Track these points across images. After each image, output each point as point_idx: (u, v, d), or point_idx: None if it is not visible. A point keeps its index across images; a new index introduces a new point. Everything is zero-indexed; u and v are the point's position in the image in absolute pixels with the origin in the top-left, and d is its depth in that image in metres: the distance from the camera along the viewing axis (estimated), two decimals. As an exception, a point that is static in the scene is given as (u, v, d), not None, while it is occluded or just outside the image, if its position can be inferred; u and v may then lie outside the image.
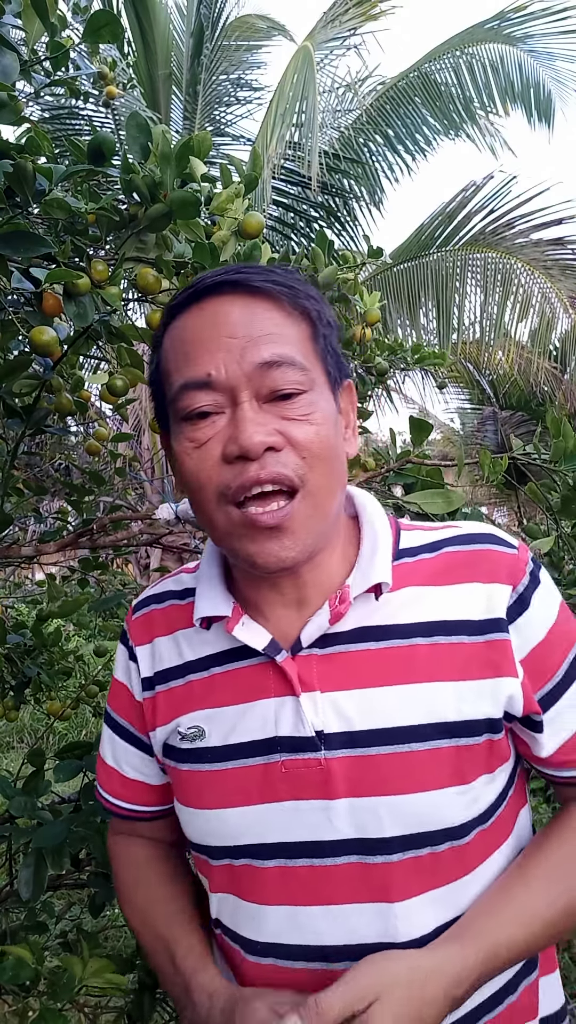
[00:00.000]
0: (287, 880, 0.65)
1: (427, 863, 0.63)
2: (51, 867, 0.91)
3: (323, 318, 0.67)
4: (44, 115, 5.29)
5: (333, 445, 0.63)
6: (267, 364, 0.60)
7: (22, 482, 1.54)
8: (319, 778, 0.64)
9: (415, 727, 0.62)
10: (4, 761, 4.23)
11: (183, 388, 0.63)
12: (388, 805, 0.62)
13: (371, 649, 0.66)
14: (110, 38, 1.03)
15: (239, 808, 0.67)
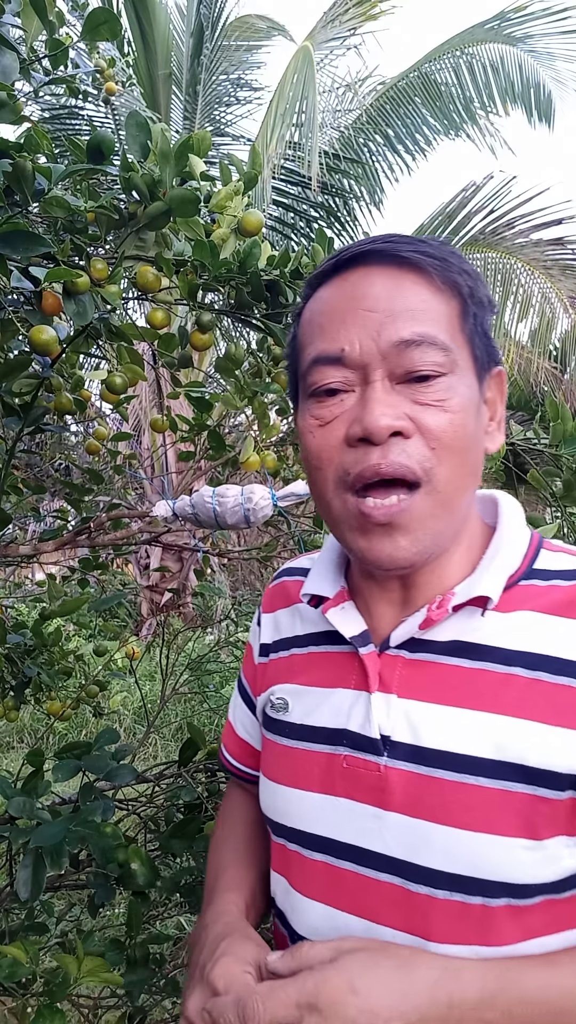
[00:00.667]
0: (332, 879, 0.63)
1: (476, 913, 0.55)
2: (50, 867, 0.91)
3: (476, 296, 0.59)
4: (44, 114, 5.29)
5: (469, 435, 0.57)
6: (405, 342, 0.55)
7: (21, 481, 1.54)
8: (376, 784, 0.60)
9: (491, 761, 0.55)
10: (4, 761, 4.23)
11: (314, 362, 0.59)
12: (443, 835, 0.56)
13: (462, 666, 0.59)
14: (108, 36, 1.03)
15: (298, 790, 0.66)
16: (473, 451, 0.58)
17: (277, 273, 1.05)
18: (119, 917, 2.39)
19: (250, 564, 6.65)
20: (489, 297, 0.62)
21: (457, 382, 0.56)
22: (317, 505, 0.64)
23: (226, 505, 1.01)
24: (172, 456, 5.70)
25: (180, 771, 1.37)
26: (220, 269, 0.98)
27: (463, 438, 0.56)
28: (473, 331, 0.59)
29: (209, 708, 3.24)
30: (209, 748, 1.43)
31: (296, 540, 1.46)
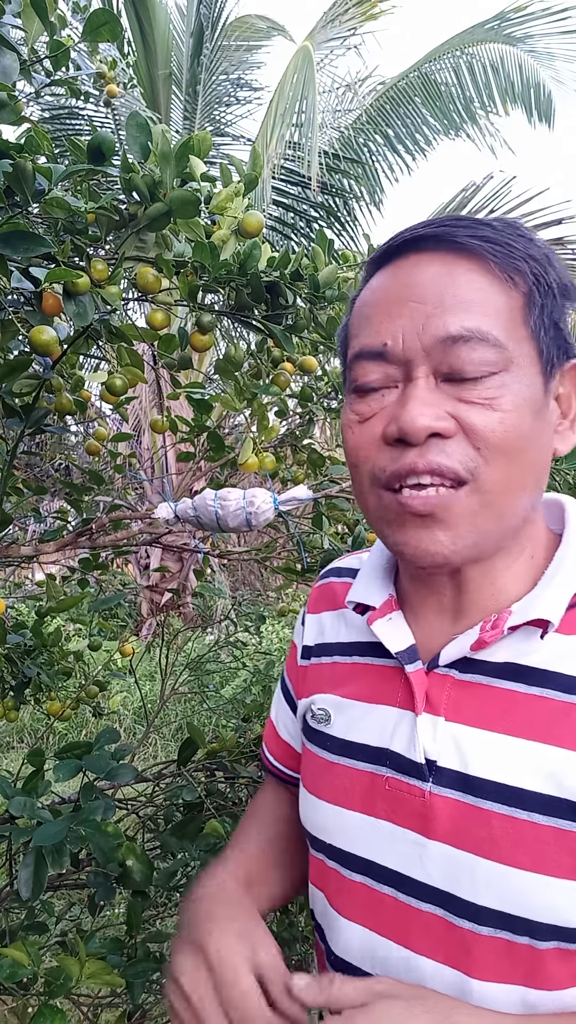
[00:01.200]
0: (372, 903, 0.60)
1: (523, 954, 0.51)
2: (51, 867, 0.91)
3: (545, 283, 0.54)
4: (44, 115, 5.29)
5: (523, 436, 0.51)
6: (453, 338, 0.51)
7: (21, 481, 1.54)
8: (419, 810, 0.57)
9: (545, 796, 0.51)
10: (4, 761, 4.23)
11: (357, 356, 0.56)
12: (489, 870, 0.52)
13: (518, 691, 0.55)
14: (109, 37, 1.03)
15: (339, 808, 0.63)
16: (531, 452, 0.53)
17: (277, 275, 1.05)
18: (119, 916, 2.40)
19: (250, 564, 6.65)
20: (567, 283, 0.56)
21: (512, 379, 0.52)
22: (357, 502, 0.60)
23: (228, 508, 1.01)
24: (172, 457, 5.70)
25: (179, 770, 1.37)
26: (220, 270, 0.98)
27: (516, 438, 0.51)
28: (539, 323, 0.53)
29: (209, 708, 3.24)
30: (208, 748, 1.43)
31: (296, 542, 1.46)
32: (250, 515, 1.01)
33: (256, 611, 6.14)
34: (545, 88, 5.99)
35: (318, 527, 1.42)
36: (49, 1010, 0.78)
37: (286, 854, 0.78)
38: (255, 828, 0.79)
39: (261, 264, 1.03)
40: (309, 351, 1.36)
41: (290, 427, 1.63)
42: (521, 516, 0.55)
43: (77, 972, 0.82)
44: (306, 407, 1.55)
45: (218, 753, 1.44)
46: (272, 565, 1.66)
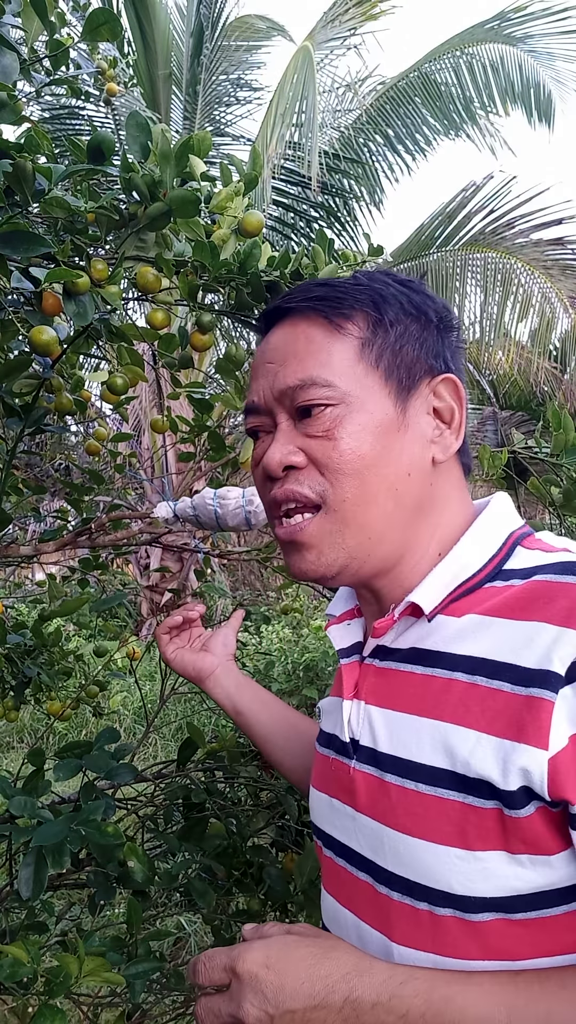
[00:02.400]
0: (335, 875, 0.68)
1: (425, 920, 0.56)
2: (51, 866, 0.91)
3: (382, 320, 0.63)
4: (44, 115, 5.29)
5: (362, 457, 0.60)
6: (291, 388, 0.62)
7: (21, 481, 1.54)
8: (348, 785, 0.65)
9: (430, 768, 0.57)
10: (4, 761, 4.23)
11: (245, 410, 0.68)
12: (391, 838, 0.59)
13: (416, 673, 0.62)
14: (109, 36, 1.03)
15: (315, 790, 0.74)
16: (378, 469, 0.61)
17: (277, 274, 1.05)
18: (119, 916, 2.40)
19: (250, 564, 6.64)
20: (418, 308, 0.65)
21: (347, 411, 0.61)
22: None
23: (227, 507, 1.01)
24: (172, 457, 5.70)
25: (179, 770, 1.37)
26: (220, 270, 0.98)
27: (354, 460, 0.60)
28: (381, 355, 0.62)
29: (209, 708, 3.24)
30: (208, 748, 1.43)
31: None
32: (249, 514, 1.01)
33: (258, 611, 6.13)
34: (545, 88, 5.99)
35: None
36: (49, 1010, 0.78)
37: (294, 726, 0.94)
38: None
39: (261, 264, 1.03)
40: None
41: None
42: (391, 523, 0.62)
43: (76, 970, 0.82)
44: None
45: (218, 753, 1.44)
46: (272, 565, 1.66)
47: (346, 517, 0.61)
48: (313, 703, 3.47)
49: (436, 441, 0.64)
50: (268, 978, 0.53)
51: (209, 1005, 0.56)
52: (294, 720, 0.96)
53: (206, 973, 0.56)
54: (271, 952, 0.55)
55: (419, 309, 0.65)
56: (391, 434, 0.62)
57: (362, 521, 0.61)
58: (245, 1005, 0.53)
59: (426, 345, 0.65)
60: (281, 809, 1.35)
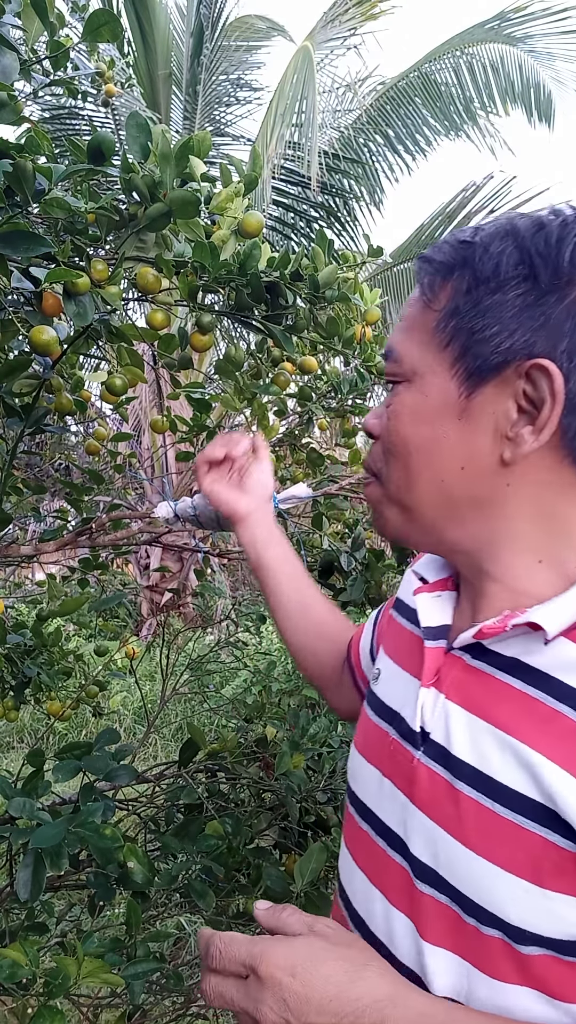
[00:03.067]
0: (370, 851, 0.65)
1: (468, 932, 0.54)
2: (50, 868, 0.91)
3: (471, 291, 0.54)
4: (44, 115, 5.29)
5: (406, 441, 0.59)
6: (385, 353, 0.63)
7: (21, 481, 1.54)
8: (408, 774, 0.61)
9: (515, 792, 0.52)
10: (4, 761, 4.23)
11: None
12: (451, 848, 0.55)
13: (514, 688, 0.56)
14: (109, 37, 1.03)
15: (362, 758, 0.69)
16: (425, 456, 0.58)
17: (277, 275, 1.05)
18: (119, 917, 2.39)
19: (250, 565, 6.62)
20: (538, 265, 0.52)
21: (408, 390, 0.59)
22: None
23: (227, 506, 1.01)
24: (172, 457, 5.70)
25: (180, 771, 1.37)
26: (220, 271, 0.98)
27: (399, 444, 0.59)
28: (456, 331, 0.55)
29: (209, 708, 3.23)
30: (209, 748, 1.43)
31: (295, 541, 1.46)
32: (250, 515, 1.00)
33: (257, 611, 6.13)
34: (545, 88, 5.99)
35: (317, 527, 1.42)
36: (49, 1010, 0.78)
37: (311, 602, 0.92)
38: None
39: (261, 264, 1.02)
40: (309, 351, 1.36)
41: (289, 427, 1.62)
42: (441, 516, 0.60)
43: (75, 971, 0.82)
44: (305, 407, 1.55)
45: (219, 754, 1.44)
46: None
47: (391, 495, 0.62)
48: (314, 703, 3.46)
49: (510, 437, 0.54)
50: (293, 987, 0.50)
51: (219, 988, 0.53)
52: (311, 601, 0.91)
53: (220, 960, 0.53)
54: (298, 959, 0.51)
55: (532, 269, 0.52)
56: (446, 421, 0.56)
57: (407, 503, 0.61)
58: (263, 1008, 0.50)
59: (526, 317, 0.52)
60: (283, 811, 1.35)
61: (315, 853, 1.04)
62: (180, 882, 1.13)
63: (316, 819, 1.45)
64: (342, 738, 1.61)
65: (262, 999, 0.50)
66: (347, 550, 1.30)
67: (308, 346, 1.33)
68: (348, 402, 1.52)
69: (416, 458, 0.59)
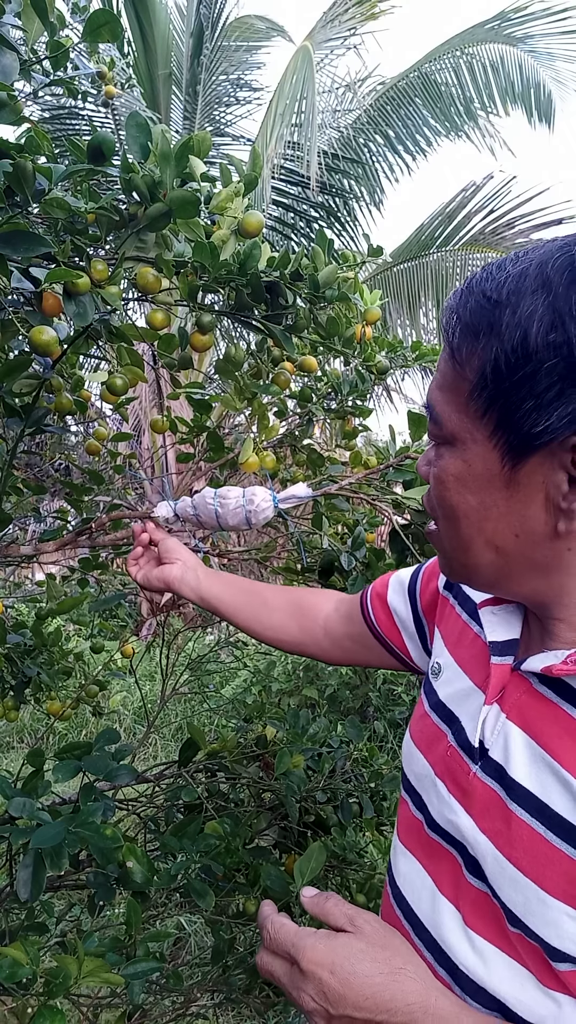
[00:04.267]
0: (422, 839, 0.67)
1: (512, 936, 0.56)
2: (50, 868, 0.91)
3: (500, 366, 0.49)
4: (44, 115, 5.29)
5: (452, 505, 0.56)
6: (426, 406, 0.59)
7: (21, 481, 1.54)
8: (463, 784, 0.62)
9: (568, 822, 0.53)
10: (4, 761, 4.23)
11: None
12: (500, 864, 0.56)
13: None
14: (109, 37, 1.03)
15: (419, 752, 0.70)
16: (470, 523, 0.55)
17: (277, 275, 1.05)
18: (119, 917, 2.39)
19: (250, 565, 6.64)
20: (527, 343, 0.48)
21: (450, 453, 0.55)
22: None
23: (228, 507, 1.01)
24: (172, 457, 5.70)
25: (180, 771, 1.37)
26: (220, 270, 0.98)
27: (444, 507, 0.57)
28: (492, 403, 0.51)
29: (209, 708, 3.24)
30: (209, 748, 1.43)
31: (295, 541, 1.46)
32: (250, 513, 1.01)
33: (256, 611, 6.10)
34: (545, 88, 5.99)
35: (318, 527, 1.42)
36: (49, 1010, 0.78)
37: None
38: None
39: (261, 264, 1.02)
40: (309, 351, 1.36)
41: (289, 427, 1.63)
42: (501, 575, 0.58)
43: (75, 971, 0.82)
44: (305, 407, 1.55)
45: (219, 754, 1.44)
46: (272, 565, 1.66)
47: (447, 551, 0.61)
48: (314, 703, 3.46)
49: (563, 509, 0.51)
50: (331, 983, 0.53)
51: (270, 967, 0.58)
52: (256, 588, 1.01)
53: (270, 943, 0.58)
54: (337, 958, 0.54)
55: (567, 336, 0.46)
56: (493, 491, 0.53)
57: (464, 561, 0.59)
58: (304, 996, 0.54)
59: (566, 389, 0.47)
60: (283, 811, 1.35)
61: (315, 853, 1.03)
62: (180, 882, 1.13)
63: (316, 819, 1.45)
64: (341, 738, 1.61)
65: (304, 988, 0.55)
66: (347, 550, 1.31)
67: (308, 346, 1.33)
68: (348, 403, 1.52)
69: (466, 524, 0.56)
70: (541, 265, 0.48)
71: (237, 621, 1.00)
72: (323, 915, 0.59)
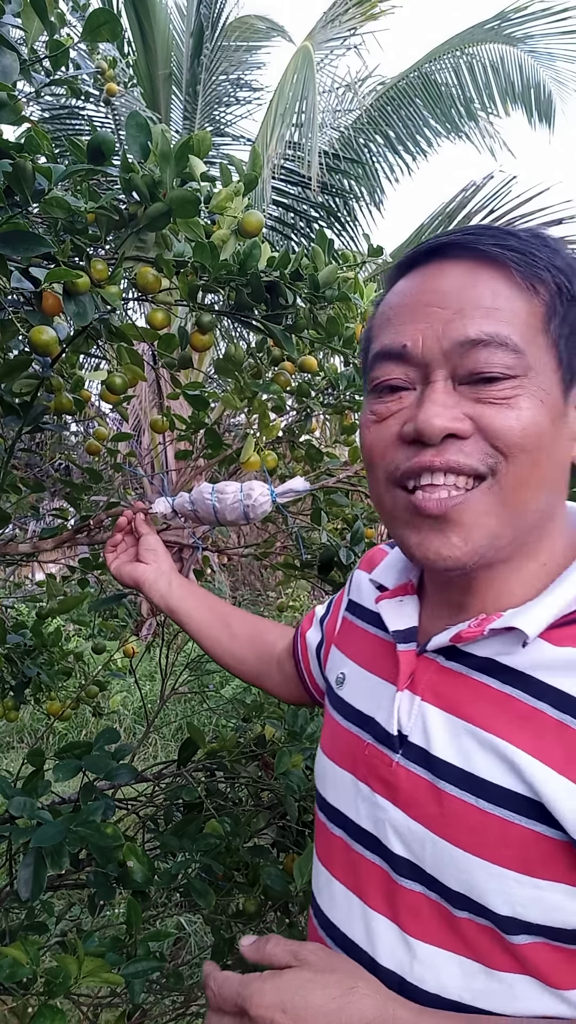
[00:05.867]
0: (346, 857, 0.65)
1: (460, 926, 0.54)
2: (50, 867, 0.91)
3: (568, 293, 0.54)
4: (44, 115, 5.29)
5: (541, 435, 0.52)
6: (472, 342, 0.52)
7: (20, 480, 1.54)
8: (388, 777, 0.61)
9: (498, 787, 0.53)
10: (4, 761, 4.23)
11: (376, 357, 0.57)
12: (438, 846, 0.55)
13: (491, 686, 0.56)
14: (109, 37, 1.03)
15: (333, 764, 0.69)
16: (548, 453, 0.53)
17: (277, 274, 1.05)
18: (119, 916, 2.39)
19: (250, 564, 6.64)
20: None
21: (529, 383, 0.52)
22: (374, 502, 0.62)
23: (225, 502, 1.01)
24: (171, 456, 5.70)
25: (180, 770, 1.37)
26: (220, 270, 0.98)
27: (534, 437, 0.52)
28: (560, 332, 0.54)
29: (209, 708, 3.24)
30: (208, 748, 1.43)
31: (294, 537, 1.46)
32: (248, 508, 1.00)
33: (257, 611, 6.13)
34: (545, 88, 5.99)
35: (316, 523, 1.42)
36: (49, 1010, 0.78)
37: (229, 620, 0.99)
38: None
39: (261, 264, 1.02)
40: (309, 351, 1.37)
41: (288, 423, 1.63)
42: (536, 517, 0.55)
43: (76, 971, 0.82)
44: (303, 403, 1.55)
45: (218, 753, 1.44)
46: (272, 562, 1.66)
47: (507, 499, 0.53)
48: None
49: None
50: (285, 1023, 0.51)
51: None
52: (229, 620, 1.00)
53: (216, 1000, 0.55)
54: (286, 996, 0.52)
55: None
56: (559, 420, 0.54)
57: (519, 505, 0.54)
58: None
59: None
60: (282, 810, 1.35)
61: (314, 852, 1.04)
62: (180, 881, 1.13)
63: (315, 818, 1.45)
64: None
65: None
66: (346, 544, 1.31)
67: (308, 346, 1.33)
68: (346, 398, 1.52)
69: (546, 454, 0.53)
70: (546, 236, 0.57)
71: (199, 640, 0.99)
72: (266, 959, 0.57)
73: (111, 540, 1.05)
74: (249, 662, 0.99)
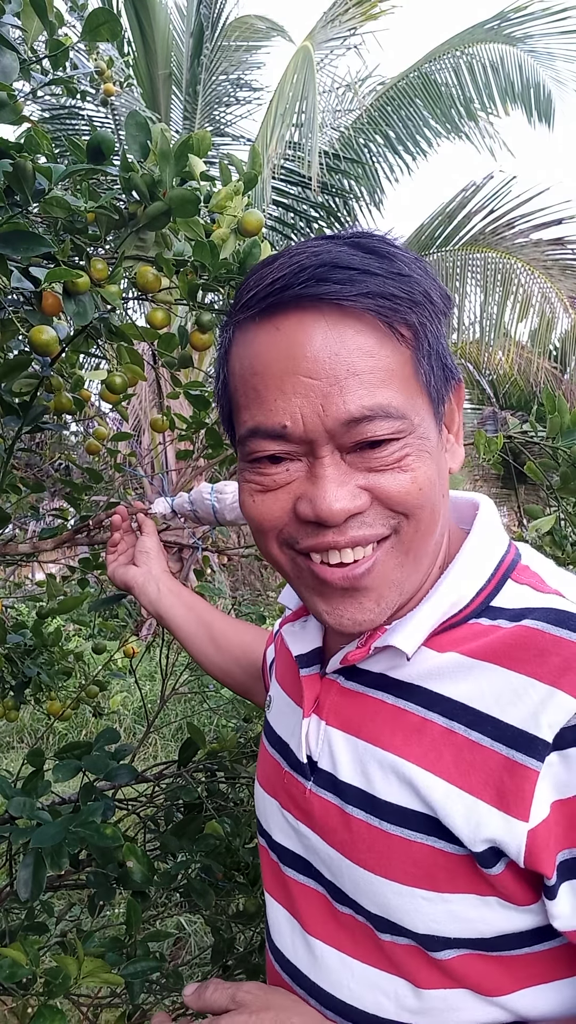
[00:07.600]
0: (283, 883, 0.65)
1: (388, 948, 0.54)
2: (50, 868, 0.91)
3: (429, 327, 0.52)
4: (44, 114, 5.30)
5: (434, 485, 0.52)
6: (355, 420, 0.49)
7: (20, 479, 1.54)
8: (304, 805, 0.61)
9: (398, 807, 0.53)
10: (4, 761, 4.23)
11: (252, 434, 0.53)
12: (352, 871, 0.55)
13: (386, 703, 0.56)
14: (108, 36, 1.03)
15: (263, 791, 0.69)
16: (440, 493, 0.54)
17: (277, 273, 1.04)
18: (119, 917, 2.39)
19: (250, 564, 6.65)
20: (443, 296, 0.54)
21: (414, 438, 0.51)
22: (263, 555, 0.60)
23: (225, 501, 1.01)
24: (172, 456, 5.70)
25: (180, 771, 1.37)
26: (220, 269, 0.98)
27: (428, 492, 0.52)
28: (429, 369, 0.52)
29: (209, 708, 3.24)
30: (209, 748, 1.43)
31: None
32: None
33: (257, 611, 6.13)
34: (545, 88, 6.00)
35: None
36: (49, 1010, 0.78)
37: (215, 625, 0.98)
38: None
39: (261, 263, 1.02)
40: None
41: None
42: (436, 547, 0.57)
43: (75, 971, 0.82)
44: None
45: (219, 753, 1.44)
46: (272, 565, 1.66)
47: (410, 547, 0.53)
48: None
49: (448, 450, 0.57)
50: None
51: None
52: (219, 629, 0.98)
53: None
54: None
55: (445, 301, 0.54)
56: (439, 456, 0.54)
57: (423, 550, 0.54)
58: None
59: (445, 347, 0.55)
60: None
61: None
62: (180, 881, 1.13)
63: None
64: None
65: None
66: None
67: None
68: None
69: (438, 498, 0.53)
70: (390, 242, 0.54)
71: (187, 647, 0.98)
72: (206, 1006, 0.58)
73: (111, 540, 1.04)
74: (236, 676, 0.98)
